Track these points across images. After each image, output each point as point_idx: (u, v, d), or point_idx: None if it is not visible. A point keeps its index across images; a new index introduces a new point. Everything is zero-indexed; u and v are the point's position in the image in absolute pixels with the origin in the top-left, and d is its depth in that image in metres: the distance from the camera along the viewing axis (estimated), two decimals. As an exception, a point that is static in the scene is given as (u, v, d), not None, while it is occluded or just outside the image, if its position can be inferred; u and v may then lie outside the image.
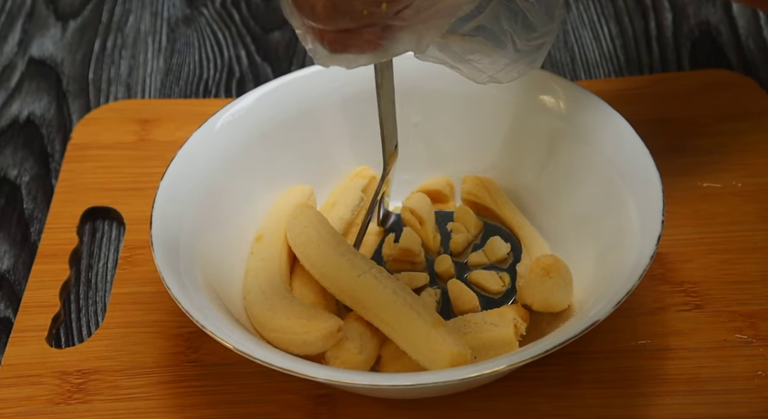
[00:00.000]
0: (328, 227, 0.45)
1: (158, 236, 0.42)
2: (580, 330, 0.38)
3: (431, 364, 0.39)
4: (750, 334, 0.45)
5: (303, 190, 0.48)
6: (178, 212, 0.44)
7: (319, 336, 0.40)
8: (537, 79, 0.48)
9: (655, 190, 0.42)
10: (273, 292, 0.43)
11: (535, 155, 0.48)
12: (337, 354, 0.41)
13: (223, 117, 0.47)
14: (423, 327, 0.40)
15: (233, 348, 0.38)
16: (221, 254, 0.45)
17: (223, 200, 0.46)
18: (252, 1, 0.67)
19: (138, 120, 0.57)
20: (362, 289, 0.41)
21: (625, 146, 0.44)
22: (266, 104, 0.48)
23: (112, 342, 0.46)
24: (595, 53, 0.61)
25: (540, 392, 0.43)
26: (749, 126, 0.54)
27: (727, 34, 0.61)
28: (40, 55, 0.64)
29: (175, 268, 0.41)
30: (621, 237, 0.42)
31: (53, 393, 0.44)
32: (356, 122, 0.49)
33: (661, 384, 0.43)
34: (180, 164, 0.45)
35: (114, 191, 0.53)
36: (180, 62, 0.63)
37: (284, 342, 0.41)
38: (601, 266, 0.43)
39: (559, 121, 0.47)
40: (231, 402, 0.43)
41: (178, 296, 0.39)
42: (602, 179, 0.45)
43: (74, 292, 0.50)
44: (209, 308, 0.40)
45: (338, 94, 0.49)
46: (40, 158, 0.57)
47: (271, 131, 0.48)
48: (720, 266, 0.47)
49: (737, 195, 0.50)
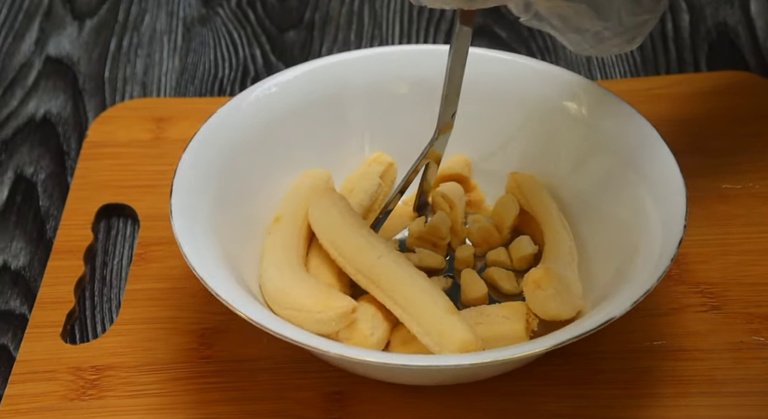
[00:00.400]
0: (352, 210, 0.45)
1: (178, 207, 0.42)
2: (594, 326, 0.37)
3: (441, 349, 0.40)
4: (767, 336, 0.44)
5: (320, 174, 0.49)
6: (199, 185, 0.44)
7: (333, 315, 0.41)
8: (562, 82, 0.48)
9: (678, 194, 0.42)
10: (290, 271, 0.43)
11: (562, 159, 0.48)
12: (350, 335, 0.41)
13: (252, 95, 0.48)
14: (437, 311, 0.40)
15: (247, 318, 0.38)
16: (240, 231, 0.45)
17: (243, 178, 0.46)
18: (267, 1, 0.68)
19: (153, 118, 0.57)
20: (380, 271, 0.42)
21: (650, 151, 0.44)
22: (296, 86, 0.49)
23: (126, 338, 0.46)
24: (611, 54, 0.61)
25: (550, 392, 0.43)
26: (767, 128, 0.54)
27: (745, 36, 0.61)
28: (57, 53, 0.64)
29: (193, 240, 0.41)
30: (642, 240, 0.42)
31: (67, 389, 0.44)
32: (379, 112, 0.49)
33: (675, 386, 0.43)
34: (204, 136, 0.46)
35: (129, 188, 0.53)
36: (195, 61, 0.63)
37: (299, 320, 0.41)
38: (621, 268, 0.43)
39: (584, 126, 0.47)
40: (245, 398, 0.43)
41: (193, 262, 0.40)
42: (625, 183, 0.44)
43: (89, 288, 0.50)
44: (228, 280, 0.40)
45: (364, 83, 0.49)
46: (56, 155, 0.57)
47: (295, 114, 0.48)
48: (737, 268, 0.47)
49: (755, 196, 0.50)
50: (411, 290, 0.41)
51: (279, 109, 0.48)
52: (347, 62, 0.50)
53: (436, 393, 0.43)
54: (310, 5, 0.67)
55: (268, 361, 0.45)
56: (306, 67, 0.49)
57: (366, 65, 0.49)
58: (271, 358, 0.45)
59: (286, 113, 0.48)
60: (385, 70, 0.49)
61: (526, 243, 0.47)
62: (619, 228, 0.44)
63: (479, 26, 0.64)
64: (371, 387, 0.43)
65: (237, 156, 0.46)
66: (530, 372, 0.43)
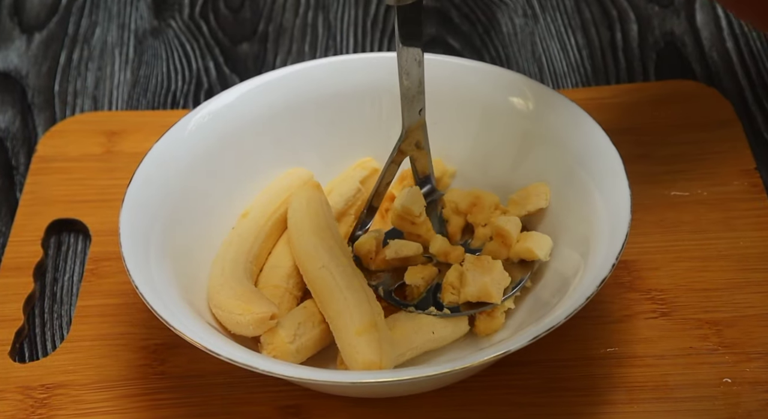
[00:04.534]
0: (324, 212, 0.46)
1: (128, 225, 0.42)
2: (530, 339, 0.38)
3: (350, 365, 0.41)
4: (716, 341, 0.45)
5: (301, 173, 0.49)
6: (152, 201, 0.44)
7: (251, 319, 0.41)
8: (507, 80, 0.48)
9: (623, 191, 0.42)
10: (231, 269, 0.44)
11: (506, 154, 0.48)
12: (270, 340, 0.42)
13: (204, 110, 0.48)
14: (350, 329, 0.41)
15: (165, 321, 0.39)
16: (193, 247, 0.45)
17: (199, 194, 0.46)
18: (220, 13, 0.67)
19: (105, 132, 0.56)
20: (318, 281, 0.43)
21: (593, 144, 0.45)
22: (264, 93, 0.49)
23: (77, 355, 0.45)
24: (563, 64, 0.62)
25: (507, 400, 0.43)
26: (714, 136, 0.55)
27: (691, 46, 0.62)
28: (5, 67, 0.63)
29: (138, 255, 0.42)
30: (588, 237, 0.43)
31: (16, 409, 0.43)
32: (357, 116, 0.50)
33: (629, 392, 0.43)
34: (157, 152, 0.46)
35: (80, 202, 0.52)
36: (147, 74, 0.63)
37: (223, 319, 0.42)
38: (566, 269, 0.43)
39: (529, 121, 0.47)
40: (198, 414, 0.43)
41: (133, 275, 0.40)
42: (573, 177, 0.45)
43: (39, 305, 0.49)
44: (163, 280, 0.41)
45: (345, 86, 0.49)
46: (4, 171, 0.56)
47: (271, 120, 0.49)
48: (686, 274, 0.48)
49: (703, 203, 0.51)
50: (336, 305, 0.42)
51: (234, 124, 0.48)
52: (300, 73, 0.50)
53: (392, 407, 0.43)
54: (264, 17, 0.67)
55: (222, 376, 0.44)
56: (263, 78, 0.49)
57: (323, 75, 0.49)
58: (225, 373, 0.44)
59: (242, 127, 0.48)
60: (342, 79, 0.49)
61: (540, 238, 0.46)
62: (569, 225, 0.45)
63: (432, 37, 0.65)
64: (327, 401, 0.43)
65: (191, 173, 0.46)
66: (486, 380, 0.43)
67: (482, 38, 0.64)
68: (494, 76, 0.49)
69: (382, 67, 0.49)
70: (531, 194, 0.46)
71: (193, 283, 0.44)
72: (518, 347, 0.38)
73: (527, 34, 0.64)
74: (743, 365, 0.44)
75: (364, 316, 0.41)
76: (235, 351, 0.39)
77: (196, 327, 0.40)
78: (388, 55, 0.50)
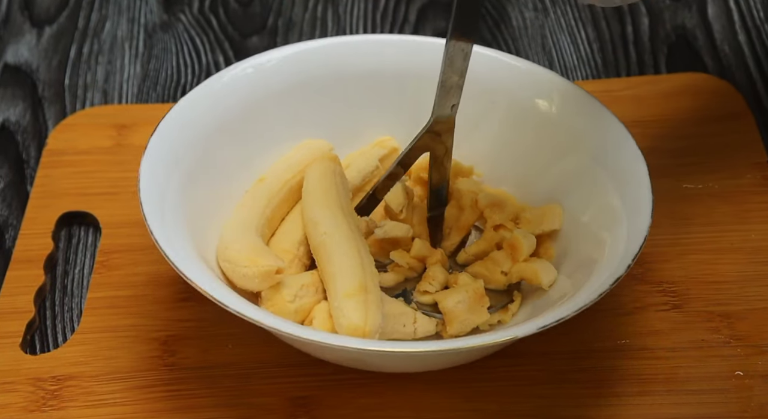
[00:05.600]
0: (340, 183, 0.46)
1: (148, 181, 0.42)
2: (538, 327, 0.38)
3: (338, 329, 0.41)
4: (727, 334, 0.45)
5: (321, 145, 0.49)
6: (171, 162, 0.44)
7: (257, 272, 0.41)
8: (533, 78, 0.48)
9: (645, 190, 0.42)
10: (244, 227, 0.44)
11: (532, 157, 0.48)
12: (271, 296, 0.42)
13: (228, 75, 0.47)
14: (339, 292, 0.41)
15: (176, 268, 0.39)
16: (209, 207, 0.45)
17: (217, 156, 0.46)
18: (230, 7, 0.67)
19: (115, 125, 0.56)
20: (320, 247, 0.43)
21: (620, 149, 0.45)
22: (294, 62, 0.49)
23: (87, 347, 0.46)
24: (573, 57, 0.62)
25: (516, 392, 0.43)
26: (726, 128, 0.54)
27: (702, 39, 0.62)
28: (15, 61, 0.63)
29: (160, 215, 0.42)
30: (608, 238, 0.43)
31: (27, 401, 0.44)
32: (387, 95, 0.49)
33: (639, 384, 0.43)
34: (176, 115, 0.45)
35: (90, 195, 0.52)
36: (157, 68, 0.63)
37: (230, 273, 0.42)
38: (585, 266, 0.43)
39: (554, 124, 0.47)
40: (208, 405, 0.43)
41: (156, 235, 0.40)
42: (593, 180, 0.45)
43: (49, 298, 0.49)
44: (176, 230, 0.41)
45: (374, 64, 0.49)
46: (15, 164, 0.56)
47: (295, 88, 0.48)
48: (698, 267, 0.48)
49: (714, 196, 0.51)
50: (331, 268, 0.42)
51: (256, 90, 0.48)
52: (338, 45, 0.49)
53: (399, 398, 0.43)
54: (273, 10, 0.67)
55: (233, 367, 0.44)
56: (288, 49, 0.49)
57: (362, 50, 0.49)
58: (235, 364, 0.44)
59: (264, 94, 0.48)
60: (374, 57, 0.49)
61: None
62: (587, 226, 0.44)
63: (442, 30, 0.64)
64: (337, 391, 0.43)
65: (211, 136, 0.46)
66: (496, 372, 0.43)
67: (492, 32, 0.64)
68: (520, 72, 0.48)
69: (416, 52, 0.49)
70: (546, 215, 0.46)
71: (205, 240, 0.44)
72: (525, 334, 0.38)
73: (537, 27, 0.64)
74: (755, 358, 0.44)
75: (355, 279, 0.41)
76: (240, 302, 0.39)
77: (208, 279, 0.40)
78: (426, 39, 0.49)
